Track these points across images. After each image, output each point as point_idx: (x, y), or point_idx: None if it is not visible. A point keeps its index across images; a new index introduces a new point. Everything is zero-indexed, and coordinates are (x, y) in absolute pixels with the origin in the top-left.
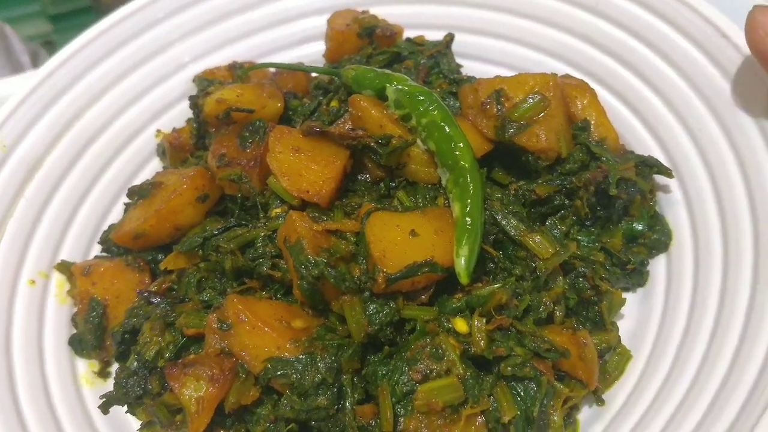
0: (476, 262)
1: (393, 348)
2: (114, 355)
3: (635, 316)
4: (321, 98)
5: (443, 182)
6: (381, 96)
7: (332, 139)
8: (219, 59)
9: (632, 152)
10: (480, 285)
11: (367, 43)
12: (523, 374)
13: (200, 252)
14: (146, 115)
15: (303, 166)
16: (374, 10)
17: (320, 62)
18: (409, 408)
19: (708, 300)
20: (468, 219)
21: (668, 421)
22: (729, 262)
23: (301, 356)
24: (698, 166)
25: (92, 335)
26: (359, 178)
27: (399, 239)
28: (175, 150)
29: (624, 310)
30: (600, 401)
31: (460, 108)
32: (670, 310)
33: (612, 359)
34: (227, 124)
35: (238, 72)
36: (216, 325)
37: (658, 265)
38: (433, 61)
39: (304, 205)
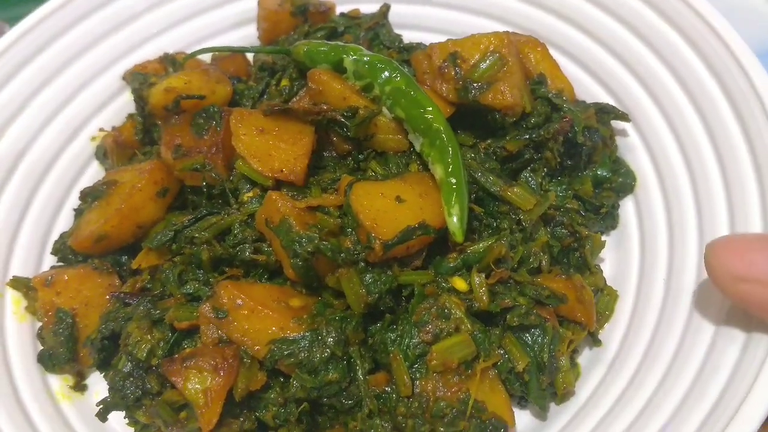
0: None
1: (393, 316)
2: (95, 363)
3: (614, 258)
4: (269, 79)
5: (417, 148)
6: (338, 69)
7: (295, 117)
8: (148, 52)
9: (585, 102)
10: (470, 243)
11: (302, 21)
12: (529, 323)
13: (173, 246)
14: (78, 120)
15: (271, 146)
16: None
17: (255, 45)
18: (424, 370)
19: (687, 233)
20: (452, 179)
21: (673, 357)
22: (699, 192)
23: (305, 333)
24: (651, 108)
25: (64, 348)
26: (325, 154)
27: (387, 206)
28: (120, 148)
29: (602, 254)
30: (597, 342)
31: (414, 75)
32: (649, 247)
33: (601, 300)
34: (176, 113)
35: (175, 62)
36: (211, 314)
37: (626, 207)
38: (373, 33)
39: (278, 186)
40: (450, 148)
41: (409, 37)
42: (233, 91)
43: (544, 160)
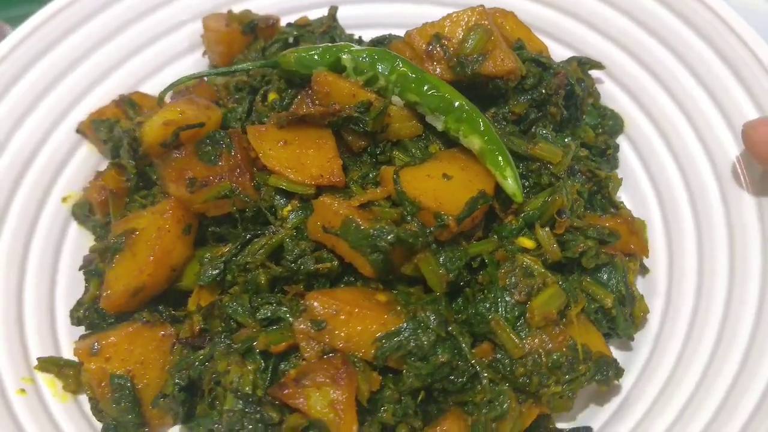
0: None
1: (471, 289)
2: (178, 419)
3: (626, 195)
4: (251, 97)
5: (439, 127)
6: (335, 69)
7: (312, 123)
8: (97, 98)
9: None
10: (528, 201)
11: (252, 38)
12: (601, 262)
13: (227, 277)
14: (41, 187)
15: (301, 155)
16: (239, 6)
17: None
18: (526, 329)
19: (691, 151)
20: (492, 145)
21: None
22: (690, 114)
23: (406, 324)
24: (620, 55)
25: (132, 414)
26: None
27: (439, 185)
28: (116, 197)
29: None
30: (646, 270)
31: None
32: (659, 177)
33: None
34: (176, 147)
35: (133, 102)
36: (309, 329)
37: (623, 147)
38: (328, 37)
39: (318, 193)
40: (479, 119)
41: (363, 35)
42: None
43: (549, 116)
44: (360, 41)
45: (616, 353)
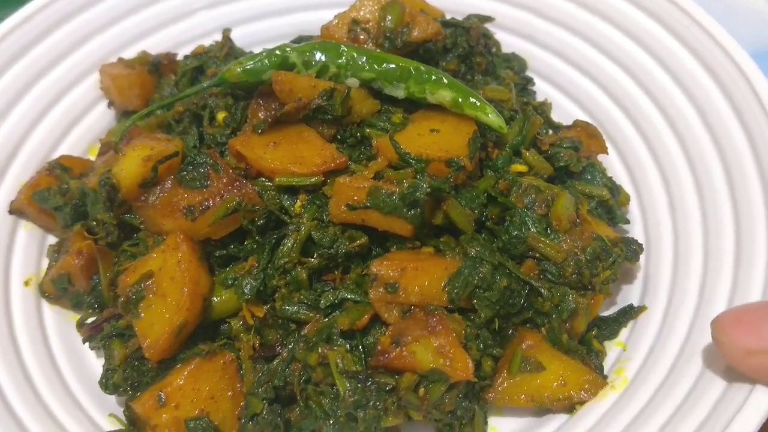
0: None
1: (491, 221)
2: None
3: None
4: (198, 122)
5: (401, 95)
6: (283, 69)
7: (287, 121)
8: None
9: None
10: (509, 133)
11: (158, 77)
12: (584, 165)
13: (268, 284)
14: None
15: (295, 150)
16: (132, 51)
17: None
18: (555, 237)
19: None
20: (463, 92)
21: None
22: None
23: (464, 265)
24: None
25: None
26: None
27: (434, 139)
28: (105, 255)
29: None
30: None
31: None
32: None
33: None
34: (155, 185)
35: (64, 166)
36: (385, 293)
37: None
38: (232, 59)
39: (324, 182)
40: (440, 74)
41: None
42: None
43: (476, 66)
44: None
45: None
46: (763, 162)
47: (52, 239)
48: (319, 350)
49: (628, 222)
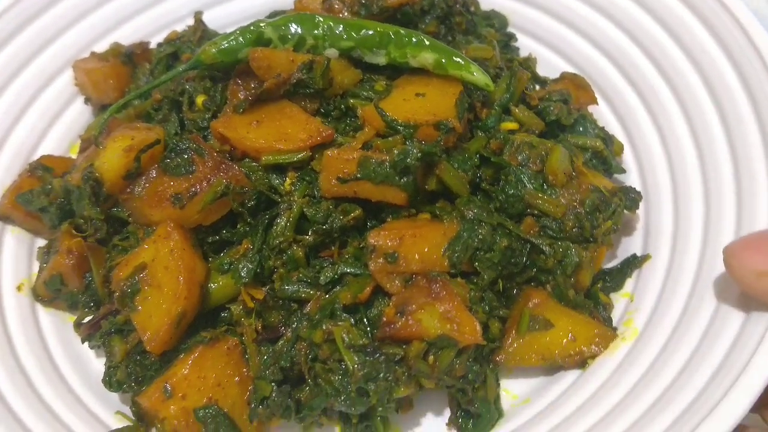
0: None
1: (485, 183)
2: (293, 410)
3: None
4: (178, 108)
5: (382, 61)
6: (259, 45)
7: (268, 98)
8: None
9: None
10: (496, 90)
11: (133, 67)
12: (575, 117)
13: (266, 266)
14: None
15: (279, 127)
16: (103, 44)
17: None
18: (552, 191)
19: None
20: (445, 52)
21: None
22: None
23: (463, 228)
24: None
25: None
26: None
27: (420, 103)
28: (96, 252)
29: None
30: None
31: None
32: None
33: None
34: (139, 175)
35: (46, 166)
36: (384, 263)
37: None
38: (206, 41)
39: (312, 156)
40: (421, 36)
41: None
42: None
43: (456, 26)
44: None
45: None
46: (757, 95)
47: (40, 242)
48: (324, 327)
49: (624, 171)
